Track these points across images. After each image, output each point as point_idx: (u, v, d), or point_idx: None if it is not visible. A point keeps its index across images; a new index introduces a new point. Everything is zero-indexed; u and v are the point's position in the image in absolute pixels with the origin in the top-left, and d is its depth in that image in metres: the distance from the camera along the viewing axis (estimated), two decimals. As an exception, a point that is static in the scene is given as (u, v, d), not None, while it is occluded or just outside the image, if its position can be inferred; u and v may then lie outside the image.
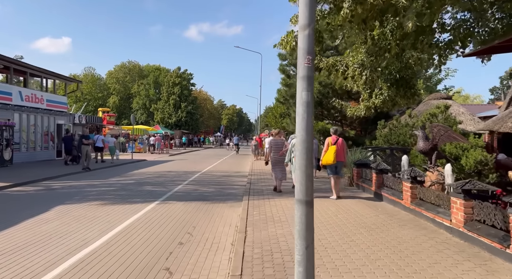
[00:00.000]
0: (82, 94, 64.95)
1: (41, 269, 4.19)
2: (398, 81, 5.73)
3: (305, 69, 2.47)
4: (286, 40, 6.31)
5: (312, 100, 2.48)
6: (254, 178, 12.79)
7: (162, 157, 27.02)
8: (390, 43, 4.88)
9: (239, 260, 4.34)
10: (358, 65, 5.65)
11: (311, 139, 2.53)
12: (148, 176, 13.65)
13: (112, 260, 4.51)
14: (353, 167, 10.47)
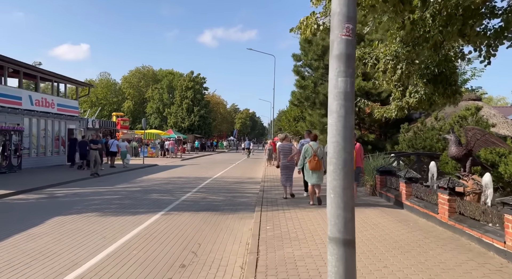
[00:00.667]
0: (98, 99, 65.64)
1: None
2: (437, 77, 4.91)
3: (342, 44, 1.71)
4: (305, 23, 5.41)
5: (353, 91, 1.69)
6: (267, 185, 12.00)
7: (174, 161, 26.53)
8: (429, 30, 4.08)
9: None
10: (392, 57, 4.85)
11: (352, 148, 1.74)
12: (156, 183, 13.03)
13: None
14: (376, 174, 9.57)
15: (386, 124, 16.25)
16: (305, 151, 8.21)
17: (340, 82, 1.69)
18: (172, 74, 66.77)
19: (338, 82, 1.69)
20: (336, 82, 1.69)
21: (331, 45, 1.64)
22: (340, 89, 1.68)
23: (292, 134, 39.37)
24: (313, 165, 7.97)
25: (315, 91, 16.06)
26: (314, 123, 16.21)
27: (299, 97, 16.65)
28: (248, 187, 12.46)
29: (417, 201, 7.21)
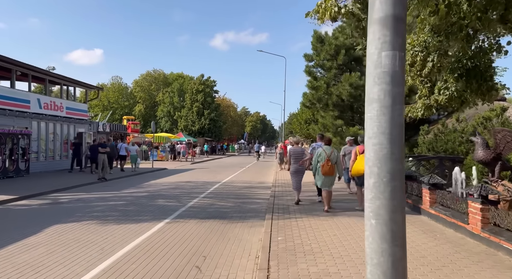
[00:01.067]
0: (109, 103, 66.20)
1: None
2: (470, 72, 4.35)
3: (387, 3, 1.18)
4: (324, 6, 4.73)
5: (404, 71, 1.17)
6: (279, 190, 11.47)
7: (184, 165, 26.21)
8: (464, 17, 3.55)
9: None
10: (421, 48, 4.31)
11: (403, 156, 1.23)
12: (163, 188, 12.63)
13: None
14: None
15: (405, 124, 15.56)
16: (318, 155, 7.96)
17: (384, 58, 1.17)
18: (182, 77, 66.95)
19: (381, 58, 1.18)
20: (378, 58, 1.18)
21: (370, 7, 1.16)
22: (384, 69, 1.16)
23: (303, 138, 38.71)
24: (326, 170, 7.71)
25: (328, 92, 15.49)
26: (327, 126, 15.64)
27: (311, 99, 16.10)
28: (258, 192, 11.95)
29: (443, 209, 6.59)
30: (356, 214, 7.47)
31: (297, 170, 8.95)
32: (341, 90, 14.90)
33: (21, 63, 15.74)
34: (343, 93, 14.75)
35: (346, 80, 14.56)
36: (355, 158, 7.82)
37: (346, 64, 15.79)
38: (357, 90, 14.74)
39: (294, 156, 8.95)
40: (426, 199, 7.17)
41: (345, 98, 14.92)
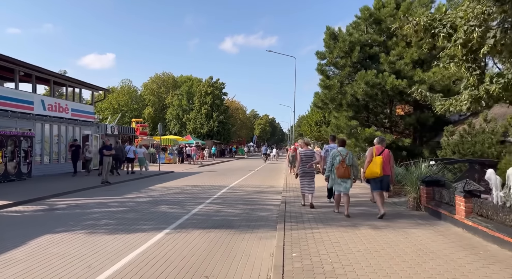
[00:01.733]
0: (119, 106, 66.32)
1: None
2: (531, 54, 3.58)
3: None
4: None
5: None
6: (290, 196, 10.67)
7: (191, 168, 25.58)
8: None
9: None
10: (479, 22, 3.51)
11: None
12: (168, 192, 11.94)
13: None
14: (421, 185, 8.06)
15: (423, 127, 14.59)
16: (333, 157, 7.62)
17: None
18: (191, 80, 66.64)
19: None
20: None
21: None
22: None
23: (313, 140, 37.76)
24: (342, 172, 7.37)
25: (342, 91, 14.63)
26: (340, 127, 14.77)
27: (324, 99, 15.25)
28: (268, 197, 11.16)
29: (483, 220, 5.70)
30: (381, 224, 6.63)
31: (306, 173, 8.73)
32: (356, 89, 14.02)
33: (24, 63, 15.31)
34: (358, 92, 13.87)
35: (362, 78, 13.68)
36: (370, 159, 7.32)
37: (360, 61, 14.92)
38: (373, 88, 13.85)
39: (305, 158, 8.71)
40: (461, 208, 6.28)
41: (360, 97, 14.04)
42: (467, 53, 3.88)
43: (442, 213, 7.04)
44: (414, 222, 6.89)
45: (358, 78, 14.06)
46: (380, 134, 13.82)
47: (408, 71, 14.07)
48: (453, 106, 5.38)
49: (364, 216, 7.55)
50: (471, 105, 4.83)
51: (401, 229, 6.30)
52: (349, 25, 15.49)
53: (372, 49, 14.86)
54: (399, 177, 9.85)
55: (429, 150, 13.89)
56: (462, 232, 6.08)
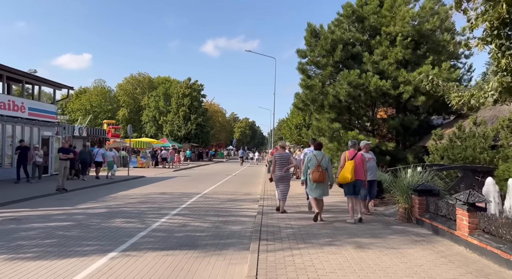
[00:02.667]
0: (92, 107, 63.56)
1: None
2: None
3: None
4: None
5: None
6: (268, 205, 9.60)
7: (165, 172, 24.12)
8: None
9: None
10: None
11: None
12: (130, 201, 10.60)
13: None
14: (413, 195, 7.18)
15: (406, 131, 13.91)
16: (308, 161, 7.37)
17: None
18: (169, 81, 64.78)
19: None
20: None
21: None
22: None
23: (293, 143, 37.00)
24: (317, 177, 7.14)
25: (323, 92, 13.75)
26: (322, 130, 13.87)
27: (305, 99, 14.33)
28: (243, 207, 10.05)
29: (492, 240, 4.81)
30: (372, 242, 5.65)
31: (282, 177, 8.35)
32: (339, 90, 13.18)
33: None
34: (341, 92, 13.03)
35: (344, 79, 12.85)
36: (343, 164, 7.15)
37: (343, 61, 14.11)
38: (356, 89, 13.04)
39: (279, 162, 8.32)
40: (463, 224, 5.39)
41: (343, 98, 13.19)
42: (500, 24, 2.96)
43: (440, 228, 6.15)
44: (408, 239, 5.97)
45: (340, 78, 13.23)
46: (364, 138, 13.00)
47: (392, 72, 13.37)
48: (475, 99, 4.44)
49: (348, 229, 6.57)
50: (500, 96, 3.88)
51: (395, 248, 5.34)
52: (331, 23, 14.68)
53: (355, 48, 14.09)
54: (385, 184, 9.02)
55: (413, 154, 13.20)
56: (466, 252, 5.18)
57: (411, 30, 13.34)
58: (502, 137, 8.94)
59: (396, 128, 13.56)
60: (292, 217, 7.92)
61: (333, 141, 13.77)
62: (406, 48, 13.36)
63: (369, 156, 7.77)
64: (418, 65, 13.68)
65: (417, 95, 12.90)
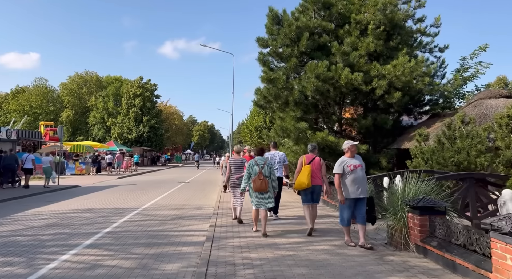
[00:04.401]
0: (31, 108, 57.30)
1: None
2: None
3: None
4: None
5: None
6: (222, 224, 7.45)
7: (107, 180, 21.00)
8: None
9: None
10: None
11: None
12: (35, 224, 7.88)
13: None
14: (410, 213, 5.41)
15: (379, 131, 12.47)
16: (249, 168, 6.78)
17: None
18: (120, 81, 60.19)
19: None
20: None
21: None
22: None
23: (253, 147, 35.08)
24: (258, 185, 6.58)
25: (288, 86, 11.93)
26: (287, 130, 11.97)
27: (267, 95, 12.40)
28: (190, 228, 7.79)
29: None
30: None
31: (236, 184, 7.72)
32: (305, 84, 11.41)
33: None
34: (308, 87, 11.26)
35: (312, 71, 11.10)
36: (300, 169, 6.66)
37: (309, 52, 12.40)
38: (325, 84, 11.35)
39: (234, 168, 7.87)
40: (508, 265, 3.61)
41: (310, 94, 11.45)
42: None
43: (459, 264, 4.37)
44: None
45: (307, 70, 11.46)
46: (334, 140, 11.31)
47: (363, 65, 11.88)
48: None
49: (331, 266, 4.62)
50: None
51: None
52: (295, 9, 12.93)
53: (322, 38, 12.44)
54: (371, 194, 7.27)
55: (386, 158, 11.76)
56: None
57: (383, 18, 11.96)
58: (498, 137, 7.56)
59: (368, 128, 12.06)
60: (253, 244, 5.85)
61: (299, 142, 11.95)
62: (378, 39, 11.94)
63: (356, 163, 5.65)
64: (390, 58, 12.35)
65: (391, 91, 11.50)
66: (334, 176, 5.62)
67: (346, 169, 5.57)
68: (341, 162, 5.65)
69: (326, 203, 10.36)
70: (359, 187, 5.55)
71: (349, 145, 5.74)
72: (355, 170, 5.59)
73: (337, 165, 5.66)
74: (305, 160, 6.75)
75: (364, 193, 5.60)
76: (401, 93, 11.21)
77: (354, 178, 5.54)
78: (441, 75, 13.54)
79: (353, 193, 5.55)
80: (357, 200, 5.60)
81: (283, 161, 8.55)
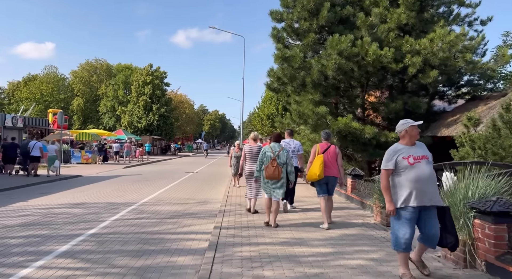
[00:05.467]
0: (42, 96, 57.05)
1: None
2: None
3: None
4: None
5: None
6: (230, 226, 6.19)
7: (113, 170, 20.03)
8: None
9: None
10: None
11: None
12: (10, 223, 6.75)
13: None
14: (477, 219, 4.01)
15: (410, 117, 10.92)
16: (262, 155, 6.30)
17: None
18: (130, 69, 59.28)
19: None
20: None
21: None
22: None
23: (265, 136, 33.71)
24: (270, 173, 6.05)
25: (305, 65, 10.46)
26: (304, 115, 10.53)
27: (281, 76, 10.95)
28: (190, 229, 6.55)
29: None
30: None
31: (251, 174, 7.13)
32: (325, 62, 9.92)
33: None
34: (329, 66, 9.76)
35: (334, 47, 9.59)
36: (312, 158, 6.23)
37: (330, 26, 10.86)
38: (349, 62, 9.83)
39: (249, 155, 7.40)
40: None
41: (330, 74, 9.95)
42: None
43: None
44: None
45: (328, 46, 9.94)
46: (358, 126, 9.88)
47: (393, 40, 10.29)
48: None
49: None
50: None
51: None
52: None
53: (345, 10, 10.84)
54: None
55: (420, 147, 10.19)
56: None
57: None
58: None
59: (397, 113, 10.52)
60: (266, 254, 4.58)
61: (318, 129, 10.52)
62: (411, 10, 10.30)
63: (418, 153, 3.76)
64: (423, 32, 10.72)
65: (426, 69, 9.91)
66: (381, 172, 3.89)
67: (402, 163, 3.71)
68: (394, 151, 3.81)
69: (350, 199, 9.01)
70: (425, 189, 3.64)
71: (407, 126, 3.82)
72: (418, 163, 3.69)
73: (386, 156, 3.85)
74: (319, 149, 6.29)
75: (434, 199, 3.70)
76: (437, 72, 9.63)
77: (416, 176, 3.65)
78: (481, 53, 11.81)
79: (414, 199, 3.63)
80: (421, 210, 3.70)
81: (297, 150, 7.71)
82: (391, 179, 3.81)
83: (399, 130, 3.88)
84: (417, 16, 10.53)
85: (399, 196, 3.72)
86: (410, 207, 3.64)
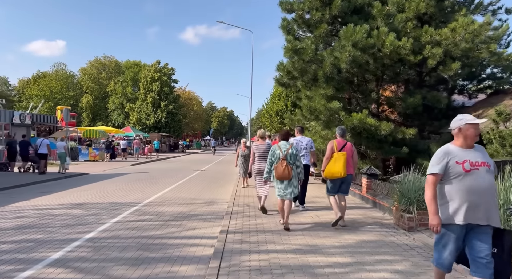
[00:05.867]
0: (52, 93, 57.36)
1: None
2: None
3: None
4: None
5: None
6: (238, 230, 5.72)
7: (120, 167, 19.75)
8: None
9: None
10: None
11: None
12: (4, 226, 6.38)
13: None
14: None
15: (429, 112, 10.30)
16: (272, 154, 6.06)
17: None
18: (138, 66, 59.16)
19: None
20: None
21: None
22: None
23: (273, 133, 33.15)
24: (280, 172, 5.81)
25: (317, 58, 9.88)
26: (315, 111, 9.96)
27: (291, 70, 10.38)
28: (195, 233, 6.09)
29: None
30: None
31: (260, 172, 7.03)
32: (339, 54, 9.33)
33: None
34: (342, 58, 9.16)
35: (348, 38, 9.00)
36: (330, 155, 5.93)
37: (343, 17, 10.26)
38: (364, 53, 9.22)
39: (258, 153, 7.20)
40: None
41: (344, 67, 9.35)
42: None
43: None
44: None
45: (342, 37, 9.35)
46: (374, 123, 9.29)
47: (411, 30, 9.64)
48: None
49: None
50: None
51: None
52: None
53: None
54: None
55: (439, 145, 9.54)
56: None
57: (437, -28, 9.59)
58: None
59: (415, 109, 9.87)
60: (277, 265, 4.09)
61: (331, 126, 9.96)
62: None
63: (477, 158, 2.99)
64: (443, 23, 10.04)
65: (447, 61, 9.25)
66: (426, 178, 3.11)
67: (455, 168, 2.97)
68: (445, 153, 3.05)
69: (365, 200, 8.45)
70: (480, 203, 2.91)
71: (463, 123, 3.02)
72: (476, 170, 2.93)
73: (434, 159, 3.08)
74: (336, 146, 5.98)
75: (492, 217, 2.95)
76: (459, 63, 8.97)
77: (472, 186, 2.91)
78: (504, 44, 11.07)
79: (465, 214, 2.93)
80: (472, 229, 2.97)
81: (310, 147, 7.48)
82: (438, 187, 3.09)
83: (452, 127, 3.12)
84: (436, 5, 9.84)
85: (447, 209, 3.01)
86: (459, 225, 2.95)
